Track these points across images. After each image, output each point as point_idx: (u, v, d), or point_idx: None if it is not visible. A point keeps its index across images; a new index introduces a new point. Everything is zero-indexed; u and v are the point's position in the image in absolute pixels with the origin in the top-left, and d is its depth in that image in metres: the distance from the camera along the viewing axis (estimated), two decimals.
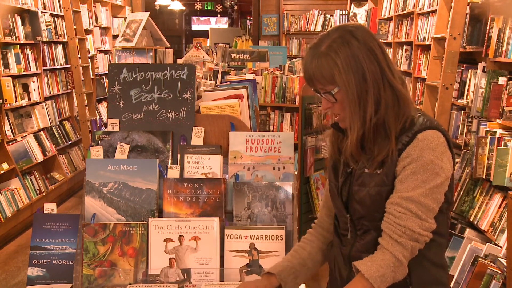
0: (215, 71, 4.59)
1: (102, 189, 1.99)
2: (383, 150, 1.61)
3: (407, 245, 1.54)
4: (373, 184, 1.63)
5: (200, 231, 1.91)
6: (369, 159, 1.65)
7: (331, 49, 1.57)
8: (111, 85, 2.14)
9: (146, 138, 2.08)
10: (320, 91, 1.63)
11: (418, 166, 1.56)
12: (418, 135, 1.59)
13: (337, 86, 1.58)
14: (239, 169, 2.05)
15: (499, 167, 3.69)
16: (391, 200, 1.57)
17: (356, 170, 1.68)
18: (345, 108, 1.61)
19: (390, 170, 1.61)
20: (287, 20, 10.33)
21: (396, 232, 1.54)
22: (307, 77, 1.63)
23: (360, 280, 1.55)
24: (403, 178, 1.57)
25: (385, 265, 1.53)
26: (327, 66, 1.57)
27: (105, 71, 9.09)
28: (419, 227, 1.54)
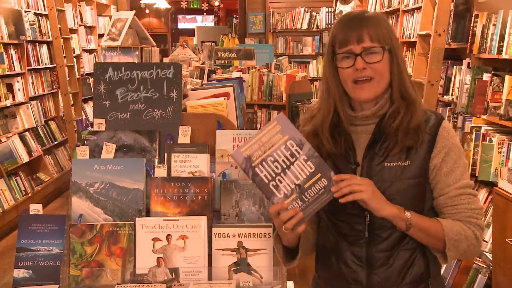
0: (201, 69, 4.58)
1: (88, 189, 1.98)
2: (413, 135, 1.65)
3: (482, 224, 1.67)
4: (404, 177, 1.64)
5: (188, 230, 1.91)
6: (390, 150, 1.66)
7: (381, 16, 1.70)
8: (97, 84, 2.13)
9: (132, 137, 2.07)
10: (367, 47, 1.63)
11: (455, 154, 1.67)
12: (443, 124, 1.68)
13: (388, 46, 1.64)
14: (226, 167, 2.05)
15: (484, 163, 3.73)
16: (451, 195, 1.66)
17: (370, 164, 1.67)
18: (384, 71, 1.65)
19: (423, 161, 1.65)
20: (273, 18, 10.33)
21: (473, 216, 1.65)
22: (356, 31, 1.64)
23: (437, 226, 1.63)
24: (449, 169, 1.66)
25: (464, 235, 1.64)
26: (382, 25, 1.65)
27: (90, 70, 9.04)
28: (480, 203, 1.70)
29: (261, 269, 1.88)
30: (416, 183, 1.65)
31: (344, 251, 1.74)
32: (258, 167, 1.58)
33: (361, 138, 1.72)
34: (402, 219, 1.60)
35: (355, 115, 1.72)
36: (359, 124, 1.72)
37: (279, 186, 1.58)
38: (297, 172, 1.58)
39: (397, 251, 1.68)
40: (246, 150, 1.59)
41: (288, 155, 1.58)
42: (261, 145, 1.59)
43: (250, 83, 5.26)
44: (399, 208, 1.60)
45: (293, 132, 1.59)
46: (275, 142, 1.59)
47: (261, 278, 1.88)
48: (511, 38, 3.58)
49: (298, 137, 1.59)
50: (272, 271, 1.88)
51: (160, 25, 19.72)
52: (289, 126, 1.60)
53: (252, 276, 1.88)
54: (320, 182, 1.58)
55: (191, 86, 3.11)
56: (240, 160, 1.59)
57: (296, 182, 1.58)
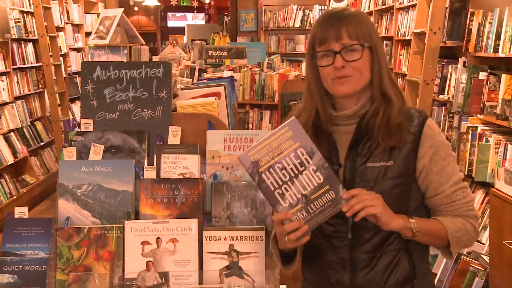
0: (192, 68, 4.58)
1: (76, 191, 1.97)
2: (396, 132, 1.67)
3: (477, 213, 1.75)
4: (387, 177, 1.66)
5: (178, 233, 1.91)
6: (373, 150, 1.67)
7: (363, 14, 1.73)
8: (84, 84, 2.12)
9: (121, 138, 2.07)
10: (346, 44, 1.65)
11: (444, 151, 1.70)
12: (427, 122, 1.70)
13: (368, 44, 1.66)
14: (218, 168, 2.05)
15: (481, 163, 3.75)
16: (447, 193, 1.69)
17: (353, 165, 1.68)
18: (363, 69, 1.67)
19: (407, 160, 1.67)
20: (265, 15, 10.35)
21: (470, 209, 1.71)
22: (335, 28, 1.66)
23: (440, 228, 1.67)
24: (440, 168, 1.69)
25: (465, 230, 1.69)
26: (363, 23, 1.67)
27: (78, 69, 9.01)
28: (471, 193, 1.77)
29: (253, 273, 1.88)
30: (399, 183, 1.67)
31: (328, 253, 1.76)
32: (265, 173, 1.56)
33: (343, 138, 1.73)
34: (409, 228, 1.63)
35: (336, 115, 1.74)
36: (341, 123, 1.74)
37: (285, 195, 1.57)
38: (305, 182, 1.56)
39: (380, 252, 1.70)
40: (254, 154, 1.56)
41: (297, 164, 1.56)
42: (270, 150, 1.56)
43: (242, 83, 5.26)
44: (404, 218, 1.63)
45: (304, 140, 1.57)
46: (285, 148, 1.56)
47: (253, 282, 1.88)
48: (507, 36, 3.60)
49: (309, 146, 1.57)
50: (265, 275, 1.88)
51: (150, 23, 19.68)
52: (301, 133, 1.57)
53: (244, 280, 1.88)
54: (328, 194, 1.56)
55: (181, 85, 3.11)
56: (247, 164, 1.57)
57: (302, 192, 1.56)
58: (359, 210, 1.55)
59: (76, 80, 9.03)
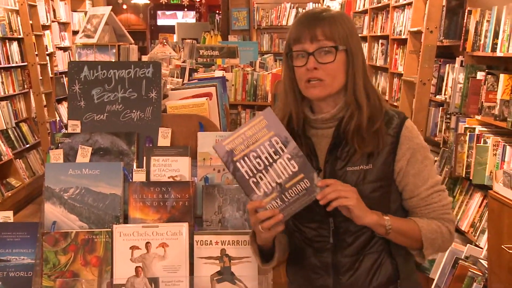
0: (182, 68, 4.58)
1: (62, 195, 1.97)
2: (373, 138, 1.68)
3: (453, 218, 1.77)
4: (367, 181, 1.68)
5: (168, 237, 1.91)
6: (352, 154, 1.69)
7: (343, 15, 1.72)
8: (72, 84, 2.12)
9: (109, 140, 2.07)
10: (320, 46, 1.65)
11: (421, 154, 1.72)
12: (406, 123, 1.72)
13: (343, 46, 1.66)
14: (209, 171, 2.05)
15: (479, 165, 3.76)
16: (422, 196, 1.72)
17: (332, 169, 1.70)
18: (337, 73, 1.67)
19: (386, 163, 1.69)
20: (257, 14, 10.36)
21: (445, 212, 1.74)
22: (310, 29, 1.66)
23: (414, 228, 1.69)
24: (417, 171, 1.71)
25: (440, 232, 1.72)
26: (340, 25, 1.67)
27: (64, 69, 8.99)
28: (448, 197, 1.78)
29: (245, 278, 1.89)
30: (379, 186, 1.70)
31: (310, 257, 1.79)
32: (240, 161, 1.59)
33: (322, 142, 1.75)
34: (382, 225, 1.64)
35: (314, 118, 1.75)
36: (320, 127, 1.76)
37: (260, 184, 1.59)
38: (280, 171, 1.59)
39: (362, 255, 1.73)
40: (229, 143, 1.60)
41: (271, 152, 1.59)
42: (244, 139, 1.59)
43: (234, 83, 5.27)
44: (379, 214, 1.65)
45: (279, 129, 1.60)
46: (260, 137, 1.59)
47: (246, 287, 1.88)
48: (505, 35, 3.62)
49: (283, 134, 1.60)
50: (257, 280, 1.88)
51: (139, 21, 19.65)
52: (275, 122, 1.60)
53: (236, 285, 1.88)
54: (302, 183, 1.59)
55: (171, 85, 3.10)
56: (222, 153, 1.60)
57: (277, 181, 1.59)
58: (332, 199, 1.57)
59: (63, 80, 9.01)
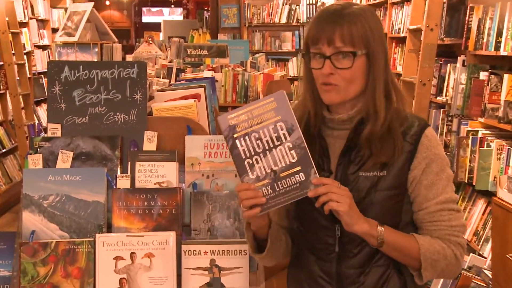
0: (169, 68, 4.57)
1: (42, 202, 1.97)
2: (389, 148, 1.66)
3: (463, 242, 1.70)
4: (380, 188, 1.67)
5: (154, 247, 1.91)
6: (366, 159, 1.68)
7: (365, 13, 1.67)
8: (51, 85, 2.12)
9: (92, 144, 2.07)
10: (337, 50, 1.63)
11: (438, 166, 1.69)
12: (426, 131, 1.70)
13: (363, 50, 1.64)
14: (197, 177, 2.05)
15: (482, 170, 3.77)
16: (430, 210, 1.68)
17: (344, 173, 1.69)
18: (354, 78, 1.66)
19: (401, 171, 1.68)
20: (248, 11, 10.36)
21: (453, 234, 1.68)
22: (328, 30, 1.64)
23: (413, 245, 1.66)
24: (430, 182, 1.68)
25: (443, 254, 1.67)
26: (360, 26, 1.64)
27: (44, 69, 8.95)
28: (463, 219, 1.72)
29: None
30: (392, 194, 1.68)
31: (313, 266, 1.77)
32: (240, 139, 1.60)
33: (336, 143, 1.74)
34: (373, 236, 1.62)
35: (331, 118, 1.74)
36: (335, 128, 1.75)
37: (255, 166, 1.60)
38: (277, 158, 1.60)
39: (369, 267, 1.71)
40: (233, 118, 1.61)
41: (274, 137, 1.60)
42: (250, 118, 1.60)
43: (223, 83, 5.27)
44: (372, 224, 1.63)
45: (287, 114, 1.60)
46: (266, 119, 1.60)
47: None
48: (509, 33, 3.64)
49: (290, 121, 1.60)
50: None
51: (123, 18, 19.63)
52: (285, 107, 1.61)
53: None
54: (298, 176, 1.60)
55: (158, 86, 3.10)
56: (224, 126, 1.61)
57: (273, 168, 1.60)
58: (324, 201, 1.57)
59: (42, 81, 8.98)
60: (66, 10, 8.07)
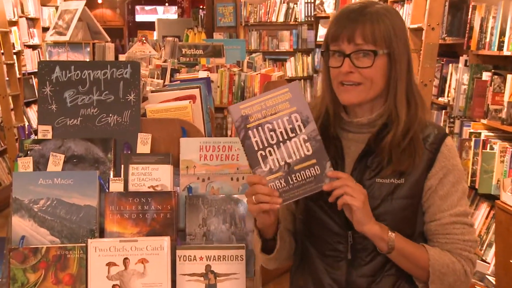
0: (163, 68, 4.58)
1: (32, 206, 1.96)
2: (410, 156, 1.66)
3: (474, 258, 1.70)
4: (396, 197, 1.66)
5: (148, 252, 1.91)
6: (384, 166, 1.67)
7: (389, 12, 1.66)
8: (42, 86, 2.12)
9: (83, 146, 2.07)
10: (358, 48, 1.63)
11: (455, 177, 1.69)
12: (446, 141, 1.70)
13: (385, 50, 1.63)
14: (192, 180, 2.05)
15: (485, 173, 3.78)
16: (444, 222, 1.68)
17: (360, 178, 1.67)
18: (375, 78, 1.65)
19: (419, 180, 1.67)
20: (245, 9, 10.37)
21: (465, 249, 1.68)
22: (348, 28, 1.63)
23: (423, 255, 1.65)
24: (445, 193, 1.68)
25: (452, 269, 1.66)
26: (383, 24, 1.63)
27: (34, 69, 8.94)
28: (476, 234, 1.71)
29: None
30: (408, 203, 1.68)
31: (321, 273, 1.75)
32: (252, 130, 1.59)
33: (352, 146, 1.73)
34: (384, 240, 1.62)
35: (349, 121, 1.73)
36: (352, 131, 1.74)
37: (267, 159, 1.59)
38: (292, 150, 1.59)
39: (380, 276, 1.70)
40: (246, 108, 1.60)
41: (288, 128, 1.59)
42: (263, 108, 1.59)
43: (219, 84, 5.27)
44: (383, 228, 1.62)
45: (302, 106, 1.59)
46: (280, 110, 1.59)
47: None
48: None
49: (305, 113, 1.59)
50: None
51: (115, 17, 19.63)
52: (300, 98, 1.60)
53: None
54: (313, 169, 1.59)
55: (151, 87, 3.10)
56: (236, 116, 1.59)
57: (287, 160, 1.59)
58: (339, 195, 1.57)
59: (32, 82, 8.97)
60: (57, 8, 8.08)
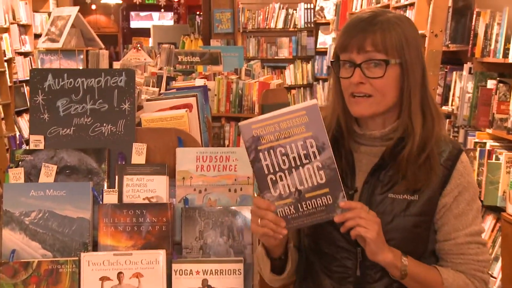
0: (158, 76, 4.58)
1: (23, 219, 1.96)
2: (425, 173, 1.65)
3: (487, 279, 1.70)
4: (409, 214, 1.65)
5: (143, 266, 1.90)
6: (397, 181, 1.66)
7: (401, 21, 1.65)
8: (34, 94, 2.12)
9: (77, 157, 2.07)
10: (368, 58, 1.62)
11: (470, 195, 1.68)
12: (461, 157, 1.69)
13: (397, 59, 1.62)
14: (189, 191, 2.05)
15: (491, 184, 3.78)
16: (459, 241, 1.67)
17: (371, 193, 1.67)
18: (387, 89, 1.64)
19: (433, 197, 1.66)
20: (243, 15, 10.40)
21: (479, 270, 1.68)
22: (358, 36, 1.62)
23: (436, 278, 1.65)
24: (461, 211, 1.67)
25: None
26: (395, 32, 1.62)
27: (25, 77, 8.96)
28: (488, 253, 1.71)
29: None
30: (422, 221, 1.67)
31: None
32: (264, 152, 1.57)
33: (363, 160, 1.73)
34: (397, 267, 1.61)
35: (361, 133, 1.73)
36: (364, 143, 1.73)
37: (278, 184, 1.57)
38: (304, 177, 1.57)
39: None
40: (259, 128, 1.57)
41: (302, 154, 1.56)
42: (277, 130, 1.56)
43: (217, 92, 5.28)
44: (396, 254, 1.61)
45: (319, 131, 1.56)
46: (294, 133, 1.56)
47: None
48: None
49: (322, 139, 1.56)
50: None
51: (110, 23, 19.67)
52: (317, 122, 1.56)
53: None
54: (325, 198, 1.57)
55: (147, 96, 3.11)
56: (247, 135, 1.57)
57: (298, 187, 1.57)
58: (351, 226, 1.55)
59: (24, 90, 8.98)
60: (49, 14, 8.10)
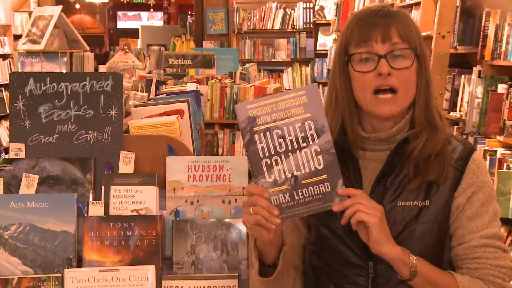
0: (148, 80, 4.59)
1: (2, 233, 1.96)
2: (435, 168, 1.65)
3: (508, 287, 1.65)
4: (421, 221, 1.64)
5: (131, 283, 1.90)
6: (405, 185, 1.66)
7: (409, 14, 1.72)
8: (14, 99, 2.12)
9: (60, 166, 2.07)
10: (395, 47, 1.62)
11: (485, 195, 1.67)
12: (473, 156, 1.68)
13: (418, 50, 1.64)
14: (180, 203, 2.05)
15: (502, 195, 3.78)
16: (473, 244, 1.64)
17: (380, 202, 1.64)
18: (410, 83, 1.64)
19: (446, 201, 1.66)
20: (238, 15, 10.42)
21: (498, 276, 1.64)
22: (381, 26, 1.62)
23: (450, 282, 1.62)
24: (474, 213, 1.65)
25: None
26: (413, 25, 1.65)
27: (5, 81, 8.96)
28: (510, 260, 1.66)
29: None
30: (435, 229, 1.66)
31: None
32: (259, 134, 1.56)
33: (369, 166, 1.72)
34: (406, 263, 1.58)
35: (366, 136, 1.72)
36: (368, 148, 1.73)
37: (273, 168, 1.56)
38: (301, 162, 1.56)
39: None
40: (254, 108, 1.56)
41: (300, 137, 1.55)
42: (274, 111, 1.56)
43: (210, 97, 5.29)
44: (404, 250, 1.59)
45: (318, 113, 1.56)
46: (293, 115, 1.55)
47: None
48: None
49: (321, 121, 1.56)
50: None
51: (95, 24, 19.69)
52: (317, 104, 1.56)
53: None
54: (322, 185, 1.56)
55: (135, 101, 3.11)
56: (242, 116, 1.57)
57: (294, 173, 1.56)
58: (351, 214, 1.53)
59: (3, 95, 8.97)
60: (30, 14, 8.09)
